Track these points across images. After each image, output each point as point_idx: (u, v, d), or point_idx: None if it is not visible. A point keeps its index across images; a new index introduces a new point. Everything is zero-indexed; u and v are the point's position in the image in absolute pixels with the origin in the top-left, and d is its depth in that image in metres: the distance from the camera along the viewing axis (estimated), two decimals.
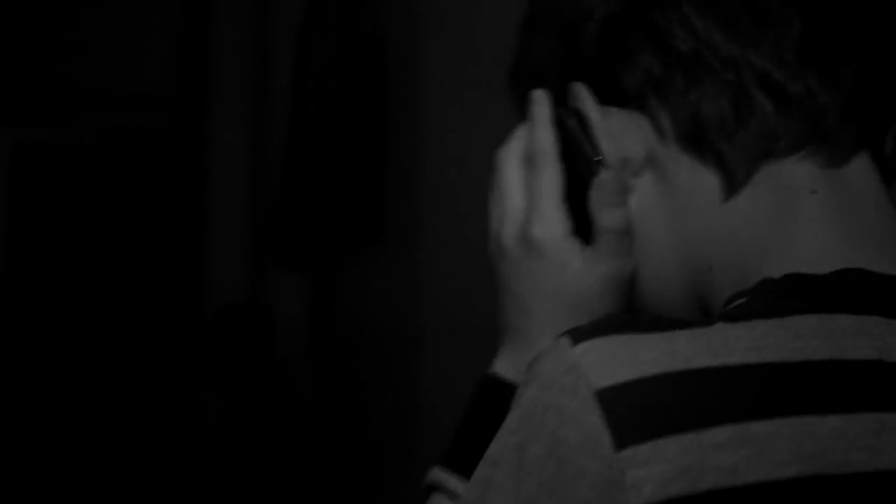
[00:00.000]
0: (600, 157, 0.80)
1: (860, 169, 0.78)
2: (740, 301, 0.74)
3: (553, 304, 0.82)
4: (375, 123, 3.14)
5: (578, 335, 0.70)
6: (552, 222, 0.81)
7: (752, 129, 0.76)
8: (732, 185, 0.77)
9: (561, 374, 0.69)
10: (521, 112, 0.85)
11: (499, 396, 0.76)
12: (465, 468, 0.77)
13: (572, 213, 0.82)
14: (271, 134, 3.77)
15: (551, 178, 0.82)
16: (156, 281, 4.45)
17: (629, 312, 0.81)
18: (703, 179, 0.78)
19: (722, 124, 0.76)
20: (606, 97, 0.80)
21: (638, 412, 0.68)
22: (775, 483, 0.67)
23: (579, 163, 0.81)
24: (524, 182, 0.83)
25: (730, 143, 0.76)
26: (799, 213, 0.76)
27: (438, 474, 0.83)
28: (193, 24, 4.29)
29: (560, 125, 0.82)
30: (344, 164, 3.27)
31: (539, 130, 0.82)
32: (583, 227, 0.82)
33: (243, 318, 3.82)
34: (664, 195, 0.79)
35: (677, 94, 0.77)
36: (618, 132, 0.79)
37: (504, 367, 0.85)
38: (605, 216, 0.80)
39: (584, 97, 0.81)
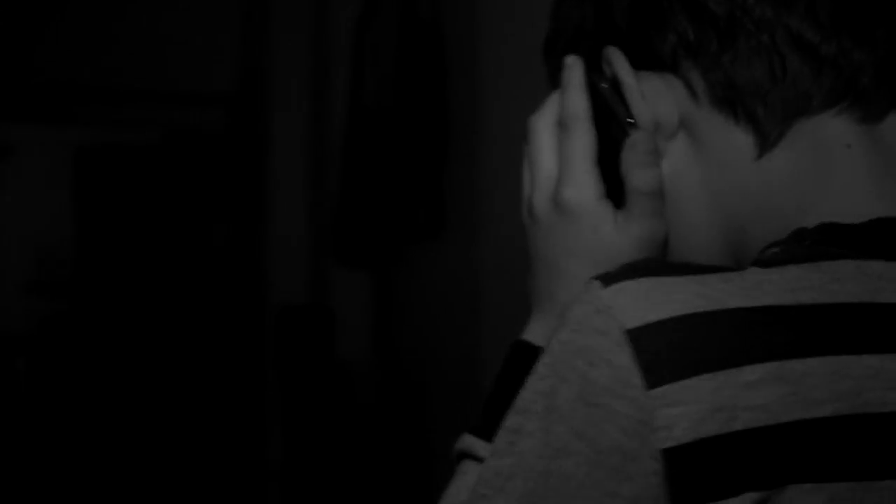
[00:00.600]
0: (633, 120, 0.80)
1: (892, 125, 0.78)
2: (775, 250, 0.74)
3: (585, 266, 0.80)
4: (435, 116, 3.07)
5: (609, 278, 0.69)
6: (584, 185, 0.81)
7: (786, 89, 0.76)
8: (766, 142, 0.77)
9: (591, 315, 0.68)
10: (557, 84, 0.84)
11: (530, 363, 0.73)
12: (495, 434, 0.74)
13: (605, 177, 0.82)
14: (330, 131, 3.75)
15: (584, 141, 0.82)
16: (216, 281, 4.44)
17: (660, 259, 0.79)
18: (736, 139, 0.77)
19: (756, 86, 0.76)
20: (640, 62, 0.80)
21: (669, 351, 0.67)
22: (811, 422, 0.66)
23: (612, 126, 0.81)
24: (557, 147, 0.83)
25: (763, 103, 0.76)
26: (833, 167, 0.76)
27: (468, 441, 0.82)
28: (252, 22, 4.28)
29: (593, 90, 0.82)
30: (403, 158, 3.21)
31: (571, 94, 0.82)
32: (615, 191, 0.82)
33: (304, 318, 3.81)
34: (698, 157, 0.79)
35: (711, 56, 0.77)
36: (651, 95, 0.80)
37: (535, 333, 0.84)
38: (638, 176, 0.80)
39: (617, 61, 0.81)
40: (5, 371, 5.00)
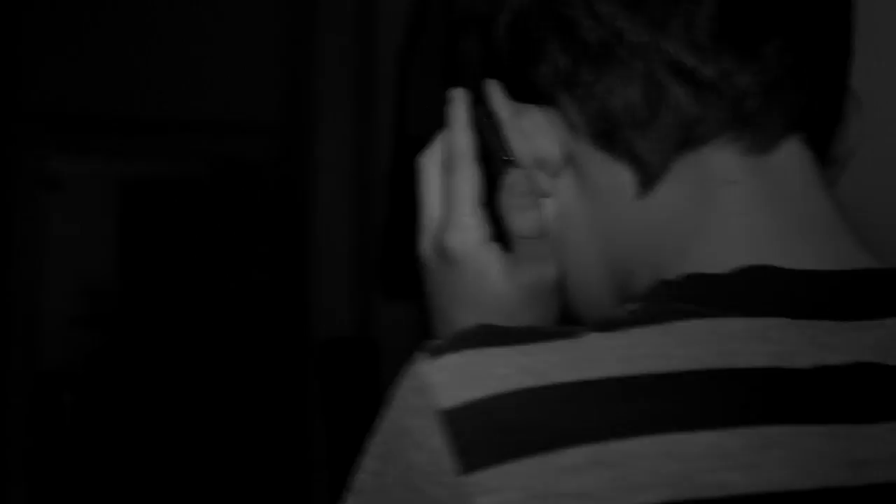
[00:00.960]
0: (509, 157, 0.75)
1: (789, 155, 0.71)
2: (632, 306, 0.67)
3: (474, 315, 0.76)
4: None
5: (434, 350, 0.64)
6: (466, 229, 0.77)
7: (666, 119, 0.70)
8: (648, 180, 0.71)
9: (412, 394, 0.64)
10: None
11: None
12: None
13: (494, 219, 0.77)
14: (375, 161, 3.72)
15: (466, 181, 0.77)
16: (259, 313, 4.41)
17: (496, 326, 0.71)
18: (618, 176, 0.72)
19: (633, 117, 0.70)
20: (522, 95, 0.75)
21: (484, 434, 0.61)
22: None
23: (493, 165, 0.77)
24: (443, 189, 0.79)
25: (643, 135, 0.70)
26: (717, 206, 0.70)
27: None
28: (296, 51, 4.26)
29: (478, 127, 0.78)
30: None
31: (455, 132, 0.78)
32: (506, 234, 0.77)
33: (348, 352, 3.75)
34: (583, 196, 0.74)
35: (585, 87, 0.71)
36: (532, 131, 0.74)
37: None
38: (517, 219, 0.75)
39: (493, 94, 0.76)
40: (52, 406, 4.99)
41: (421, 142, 3.02)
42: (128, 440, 4.95)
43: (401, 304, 3.69)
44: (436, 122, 0.76)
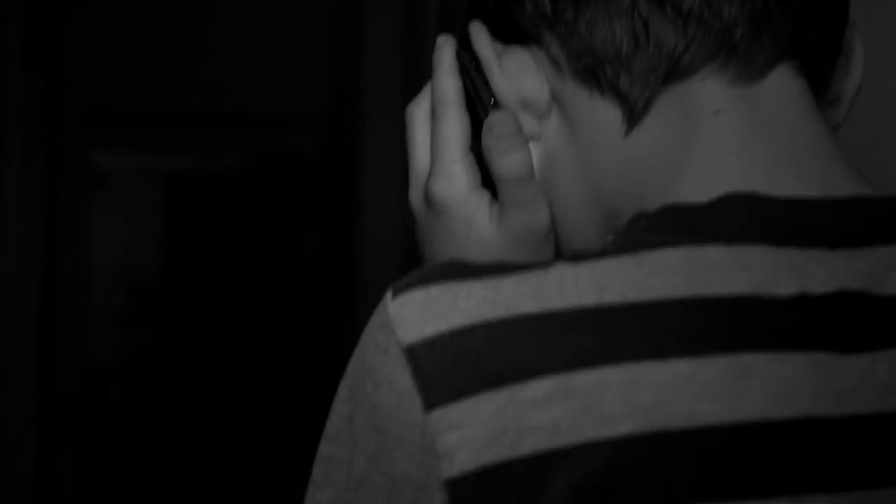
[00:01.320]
0: (492, 98, 0.74)
1: (778, 84, 0.70)
2: (609, 239, 0.67)
3: None
4: None
5: (398, 288, 0.64)
6: (453, 176, 0.75)
7: (650, 52, 0.69)
8: (633, 116, 0.70)
9: (377, 332, 0.63)
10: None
11: None
12: None
13: (482, 166, 0.75)
14: None
15: (452, 127, 0.75)
16: (307, 310, 4.38)
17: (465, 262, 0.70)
18: (603, 114, 0.70)
19: (617, 52, 0.69)
20: (506, 35, 0.73)
21: (447, 368, 0.60)
22: (605, 443, 0.58)
23: (481, 110, 0.75)
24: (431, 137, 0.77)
25: (627, 70, 0.69)
26: (702, 138, 0.68)
27: None
28: (343, 42, 4.23)
29: (464, 72, 0.76)
30: None
31: (440, 77, 0.76)
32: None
33: None
34: (570, 137, 0.72)
35: (567, 24, 0.70)
36: (517, 71, 0.73)
37: None
38: (499, 162, 0.73)
39: (477, 35, 0.74)
40: (98, 402, 5.00)
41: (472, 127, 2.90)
42: (173, 436, 4.95)
43: None
44: (483, 110, 0.74)
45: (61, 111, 4.20)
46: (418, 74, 3.75)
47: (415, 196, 0.78)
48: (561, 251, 0.76)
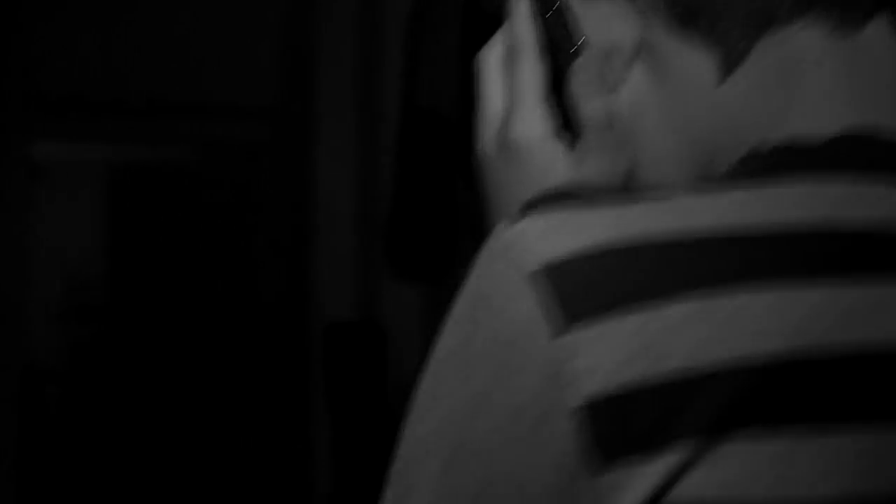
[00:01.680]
0: (579, 45, 0.75)
1: (876, 35, 0.71)
2: (721, 177, 0.68)
3: None
4: None
5: (516, 218, 0.64)
6: (532, 121, 0.75)
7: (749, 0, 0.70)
8: (728, 63, 0.70)
9: (496, 257, 0.62)
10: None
11: None
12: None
13: (559, 114, 0.76)
14: (380, 137, 3.65)
15: (530, 72, 0.76)
16: (261, 297, 4.34)
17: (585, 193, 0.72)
18: (697, 60, 0.71)
19: None
20: None
21: (579, 291, 0.60)
22: (754, 359, 0.59)
23: (561, 55, 0.76)
24: (506, 83, 0.78)
25: (723, 17, 0.70)
26: (803, 87, 0.70)
27: None
28: (293, 23, 4.20)
29: (543, 18, 0.77)
30: (464, 162, 3.09)
31: (517, 23, 0.77)
32: (574, 128, 0.76)
33: (353, 336, 3.68)
34: (657, 84, 0.73)
35: None
36: (603, 18, 0.74)
37: None
38: (584, 107, 0.74)
39: None
40: (35, 400, 4.92)
41: (434, 115, 2.86)
42: (117, 433, 4.89)
43: (408, 286, 3.63)
44: (449, 92, 0.74)
45: (0, 100, 4.15)
46: (374, 53, 3.73)
47: (488, 140, 0.77)
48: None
